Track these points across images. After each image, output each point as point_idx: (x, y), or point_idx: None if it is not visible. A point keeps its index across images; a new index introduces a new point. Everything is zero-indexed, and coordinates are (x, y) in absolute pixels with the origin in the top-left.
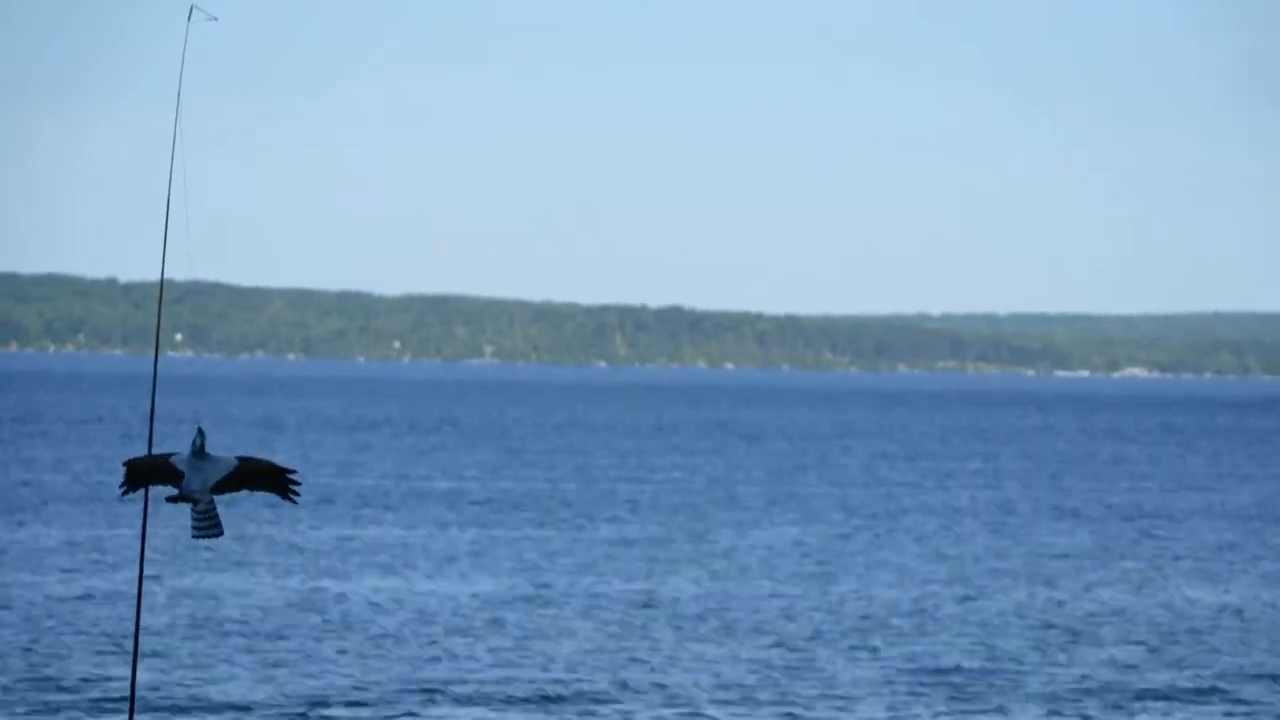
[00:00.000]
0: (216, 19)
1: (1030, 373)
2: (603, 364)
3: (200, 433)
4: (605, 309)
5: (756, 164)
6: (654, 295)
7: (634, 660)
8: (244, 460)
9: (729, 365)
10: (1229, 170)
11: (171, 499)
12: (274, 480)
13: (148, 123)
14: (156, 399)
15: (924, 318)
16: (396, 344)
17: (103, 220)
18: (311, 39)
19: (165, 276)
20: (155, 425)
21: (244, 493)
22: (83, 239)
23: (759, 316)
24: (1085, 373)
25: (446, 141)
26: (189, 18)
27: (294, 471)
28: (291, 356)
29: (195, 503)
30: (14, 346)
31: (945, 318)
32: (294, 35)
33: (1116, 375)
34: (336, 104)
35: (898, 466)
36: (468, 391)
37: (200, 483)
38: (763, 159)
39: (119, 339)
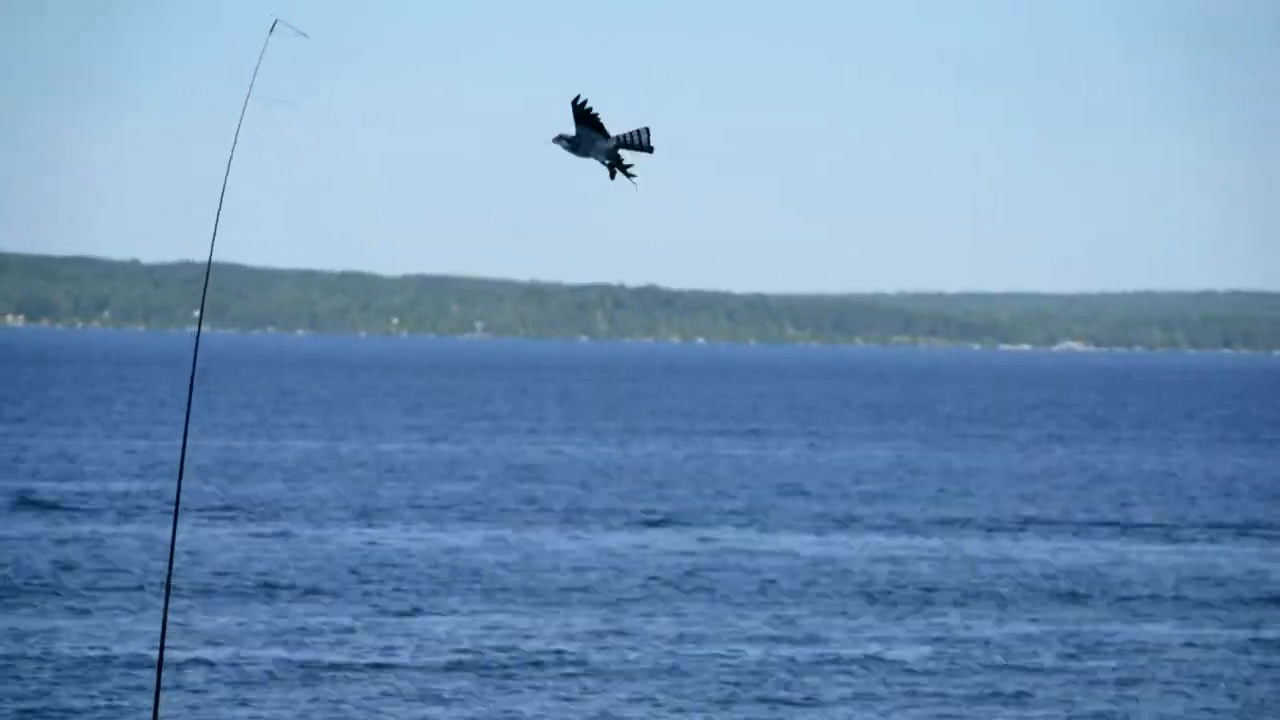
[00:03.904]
0: (307, 35)
1: (976, 346)
2: (585, 338)
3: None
4: (587, 288)
5: (729, 156)
6: (632, 275)
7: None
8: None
9: (700, 340)
10: (1161, 160)
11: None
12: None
13: (163, 119)
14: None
15: (879, 296)
16: (395, 320)
17: (126, 206)
18: (315, 36)
19: (186, 258)
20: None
21: None
22: (108, 223)
23: (728, 295)
24: (1027, 346)
25: (444, 135)
26: (271, 30)
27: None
28: (299, 332)
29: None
30: (45, 322)
31: (899, 295)
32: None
33: (1055, 349)
34: (339, 99)
35: None
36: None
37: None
38: (734, 151)
39: (141, 315)
